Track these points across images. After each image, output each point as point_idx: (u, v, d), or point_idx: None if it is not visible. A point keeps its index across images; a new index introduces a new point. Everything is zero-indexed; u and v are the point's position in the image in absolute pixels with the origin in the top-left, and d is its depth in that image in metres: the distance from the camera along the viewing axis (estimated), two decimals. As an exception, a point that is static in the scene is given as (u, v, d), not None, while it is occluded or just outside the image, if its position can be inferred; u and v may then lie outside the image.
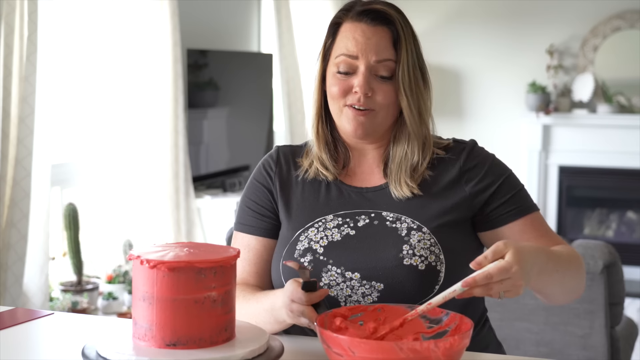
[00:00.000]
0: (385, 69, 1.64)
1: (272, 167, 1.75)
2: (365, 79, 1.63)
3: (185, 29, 4.40)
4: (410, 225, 1.62)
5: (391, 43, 1.65)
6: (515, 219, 1.66)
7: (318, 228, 1.65)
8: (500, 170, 1.69)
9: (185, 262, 1.29)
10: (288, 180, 1.73)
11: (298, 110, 5.39)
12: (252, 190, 1.76)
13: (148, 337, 1.31)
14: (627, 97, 5.84)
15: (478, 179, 1.66)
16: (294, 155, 1.77)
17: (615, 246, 3.04)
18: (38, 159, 3.31)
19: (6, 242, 3.22)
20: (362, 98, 1.63)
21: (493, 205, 1.66)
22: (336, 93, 1.66)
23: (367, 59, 1.63)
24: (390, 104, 1.65)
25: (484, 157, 1.70)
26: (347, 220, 1.65)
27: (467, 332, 1.28)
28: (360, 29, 1.65)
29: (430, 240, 1.60)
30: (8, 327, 1.58)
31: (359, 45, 1.64)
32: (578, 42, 5.96)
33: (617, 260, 2.77)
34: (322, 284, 1.60)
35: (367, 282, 1.59)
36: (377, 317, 1.40)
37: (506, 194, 1.67)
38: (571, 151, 5.99)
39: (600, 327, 2.72)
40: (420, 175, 1.67)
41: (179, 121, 4.18)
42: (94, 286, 3.68)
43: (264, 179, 1.75)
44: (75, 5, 3.91)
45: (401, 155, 1.67)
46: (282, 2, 5.24)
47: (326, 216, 1.67)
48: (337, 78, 1.66)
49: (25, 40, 3.22)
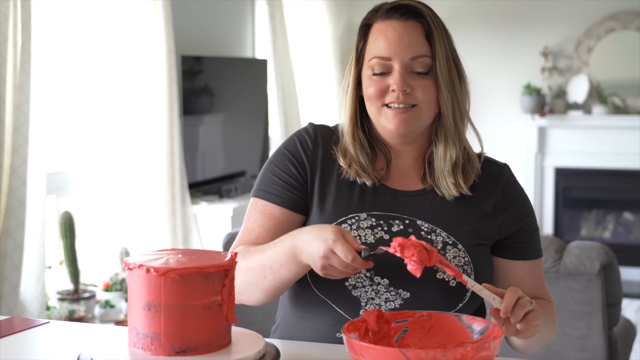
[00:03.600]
0: (421, 65, 1.61)
1: (309, 146, 1.69)
2: (402, 76, 1.60)
3: (180, 35, 4.40)
4: (445, 240, 1.61)
5: (424, 37, 1.62)
6: (525, 259, 1.70)
7: (351, 225, 1.62)
8: (528, 209, 1.72)
9: (195, 268, 1.29)
10: (328, 168, 1.68)
11: (294, 116, 5.39)
12: (282, 160, 1.69)
13: (155, 346, 1.30)
14: (622, 98, 5.85)
15: (510, 213, 1.68)
16: (329, 140, 1.70)
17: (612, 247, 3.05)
18: (33, 167, 3.30)
19: (2, 251, 3.21)
20: (401, 95, 1.60)
21: (514, 239, 1.69)
22: (373, 94, 1.63)
23: (402, 57, 1.60)
24: (432, 100, 1.62)
25: (517, 191, 1.71)
26: (381, 222, 1.63)
27: (485, 345, 1.22)
28: (391, 26, 1.62)
29: (465, 258, 1.60)
30: (5, 336, 1.57)
31: (391, 45, 1.61)
32: (572, 44, 5.97)
33: (614, 261, 2.77)
34: (347, 284, 1.59)
35: (394, 289, 1.58)
36: (423, 325, 1.37)
37: (527, 233, 1.70)
38: (567, 153, 6.00)
39: (598, 329, 2.72)
40: (469, 177, 1.66)
41: (175, 128, 4.17)
42: (91, 294, 3.67)
43: (299, 153, 1.69)
44: (69, 13, 3.90)
45: (440, 151, 1.65)
46: (276, 7, 5.24)
47: (360, 214, 1.63)
48: (373, 80, 1.63)
49: (19, 48, 3.22)
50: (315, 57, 5.81)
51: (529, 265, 1.70)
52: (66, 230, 3.59)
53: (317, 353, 1.48)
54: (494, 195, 1.67)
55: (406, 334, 1.36)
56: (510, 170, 1.73)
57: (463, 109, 1.66)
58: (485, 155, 1.72)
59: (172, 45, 4.14)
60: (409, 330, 1.36)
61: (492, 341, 1.22)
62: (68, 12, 3.90)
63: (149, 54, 4.05)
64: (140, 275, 1.31)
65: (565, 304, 2.73)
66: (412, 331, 1.36)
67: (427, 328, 1.36)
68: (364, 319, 1.33)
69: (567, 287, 2.74)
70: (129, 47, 3.99)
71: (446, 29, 1.65)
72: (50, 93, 3.50)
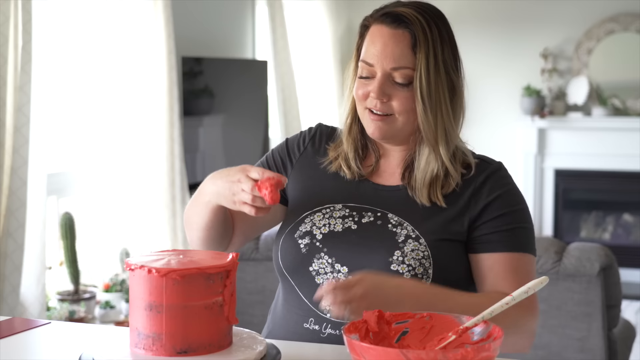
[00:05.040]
0: (401, 76, 1.60)
1: (306, 139, 1.80)
2: (380, 85, 1.61)
3: (180, 36, 4.41)
4: (409, 233, 1.61)
5: (410, 48, 1.60)
6: (495, 250, 1.61)
7: (325, 214, 1.67)
8: (512, 202, 1.64)
9: (197, 269, 1.30)
10: (312, 162, 1.76)
11: (294, 117, 5.40)
12: (280, 148, 1.81)
13: (157, 347, 1.31)
14: (621, 100, 5.85)
15: (485, 201, 1.62)
16: (328, 138, 1.78)
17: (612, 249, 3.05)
18: (34, 168, 3.31)
19: (3, 252, 3.21)
20: (378, 104, 1.62)
21: (485, 230, 1.62)
22: (357, 96, 1.66)
23: (383, 66, 1.61)
24: (409, 110, 1.62)
25: (502, 184, 1.65)
26: (354, 213, 1.66)
27: (485, 346, 1.20)
28: (379, 32, 1.62)
29: (424, 252, 1.59)
30: (5, 337, 1.58)
31: (376, 52, 1.61)
32: (572, 45, 5.98)
33: (614, 262, 2.77)
34: (311, 269, 1.63)
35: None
36: (424, 326, 1.37)
37: (504, 225, 1.62)
38: (567, 154, 6.01)
39: (598, 330, 2.72)
40: (447, 187, 1.63)
41: (175, 129, 4.18)
42: (91, 295, 3.67)
43: (295, 143, 1.80)
44: (70, 14, 3.91)
45: (422, 161, 1.65)
46: (276, 9, 5.25)
47: (336, 204, 1.68)
48: (360, 82, 1.65)
49: (19, 49, 3.22)
50: (315, 59, 5.81)
51: (501, 258, 1.60)
52: (66, 231, 3.59)
53: (317, 353, 1.49)
54: (474, 183, 1.64)
55: (406, 335, 1.36)
56: (500, 167, 1.68)
57: (449, 125, 1.62)
58: (480, 155, 1.70)
59: (172, 47, 4.14)
60: (409, 331, 1.36)
61: (492, 342, 1.23)
62: (69, 13, 3.90)
63: (149, 55, 4.05)
64: (142, 276, 1.31)
65: (565, 305, 2.73)
66: (412, 332, 1.36)
67: (427, 329, 1.36)
68: (364, 320, 1.34)
69: (567, 288, 2.74)
70: (130, 48, 4.00)
71: (444, 40, 1.61)
72: (51, 94, 3.50)
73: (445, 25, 1.64)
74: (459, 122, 1.66)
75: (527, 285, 1.32)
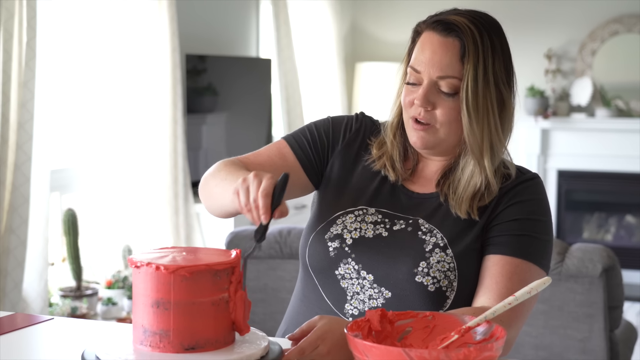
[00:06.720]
0: (447, 85, 1.57)
1: (351, 129, 1.76)
2: (425, 93, 1.58)
3: (184, 34, 4.41)
4: (437, 241, 1.59)
5: (458, 57, 1.57)
6: (502, 253, 1.57)
7: (357, 216, 1.65)
8: (532, 210, 1.60)
9: (205, 265, 1.30)
10: (357, 154, 1.73)
11: (297, 116, 5.39)
12: (324, 124, 1.77)
13: (164, 343, 1.30)
14: (625, 101, 5.85)
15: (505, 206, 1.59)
16: (370, 132, 1.75)
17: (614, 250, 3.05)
18: (37, 164, 3.31)
19: (5, 248, 3.22)
20: (422, 112, 1.59)
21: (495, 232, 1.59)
22: (404, 103, 1.64)
23: (429, 74, 1.58)
24: (452, 121, 1.59)
25: (529, 192, 1.61)
26: (386, 220, 1.64)
27: (487, 345, 1.20)
28: (429, 40, 1.60)
29: (450, 264, 1.57)
30: (7, 333, 1.58)
31: (424, 59, 1.59)
32: (576, 46, 5.97)
33: (616, 264, 2.77)
34: (337, 273, 1.62)
35: (377, 286, 1.59)
36: (427, 325, 1.37)
37: (517, 230, 1.58)
38: (570, 155, 6.00)
39: (600, 331, 2.72)
40: (483, 201, 1.60)
41: (178, 126, 4.18)
42: (94, 291, 3.68)
43: (340, 128, 1.75)
44: (75, 11, 3.91)
45: (466, 173, 1.61)
46: (280, 7, 5.25)
47: (369, 208, 1.66)
48: (407, 88, 1.63)
49: (24, 46, 3.23)
50: (319, 57, 5.81)
51: (501, 260, 1.57)
52: (69, 227, 3.59)
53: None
54: (501, 192, 1.62)
55: (409, 334, 1.36)
56: (534, 177, 1.64)
57: (495, 138, 1.58)
58: (520, 167, 1.67)
59: (176, 44, 4.15)
60: (412, 330, 1.36)
61: (494, 342, 1.23)
62: (73, 10, 3.90)
63: (153, 53, 4.05)
64: (148, 273, 1.30)
65: (567, 306, 2.73)
66: (415, 331, 1.36)
67: (430, 328, 1.36)
68: (367, 319, 1.34)
69: (569, 289, 2.74)
70: (134, 46, 4.00)
71: (496, 51, 1.57)
72: (55, 90, 3.51)
73: (500, 37, 1.61)
74: (507, 137, 1.63)
75: (529, 285, 1.32)
